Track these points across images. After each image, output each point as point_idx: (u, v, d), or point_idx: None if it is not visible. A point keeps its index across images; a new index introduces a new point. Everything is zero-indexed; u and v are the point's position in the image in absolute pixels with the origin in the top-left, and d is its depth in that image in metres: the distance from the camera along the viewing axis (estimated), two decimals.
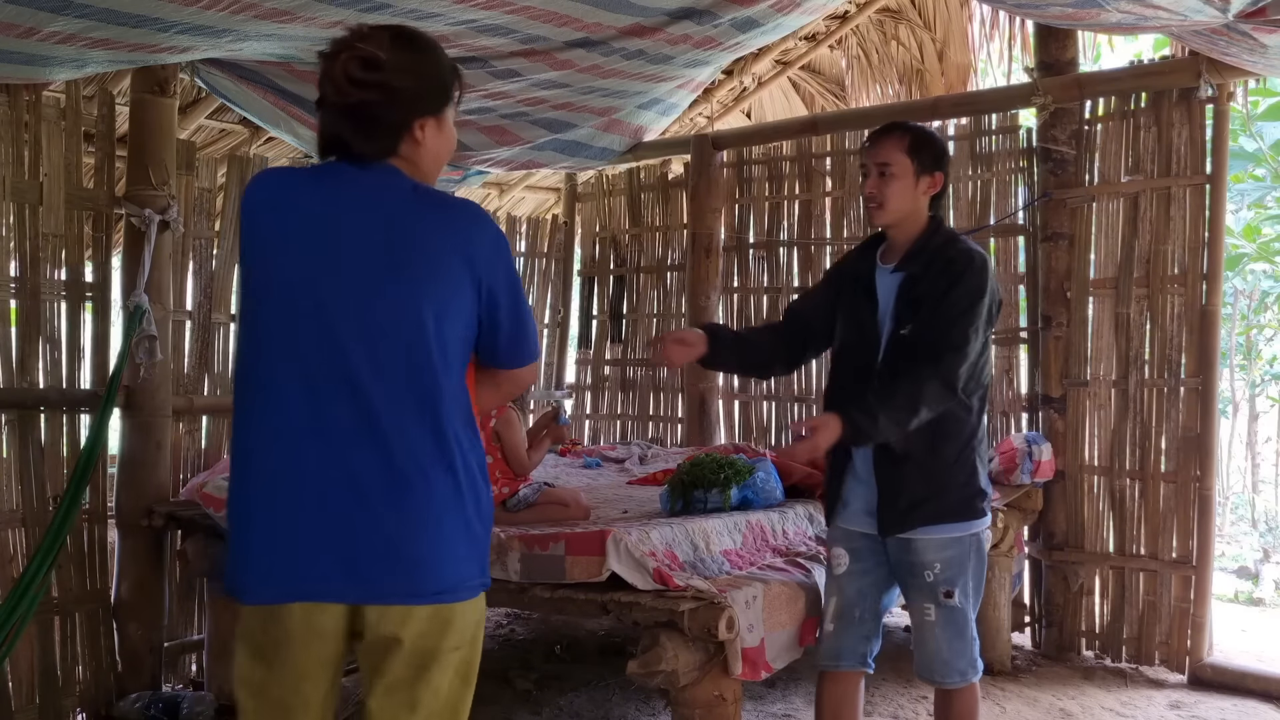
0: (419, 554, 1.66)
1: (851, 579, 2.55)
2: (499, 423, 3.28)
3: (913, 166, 2.42)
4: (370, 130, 1.71)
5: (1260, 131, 6.79)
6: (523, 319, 1.81)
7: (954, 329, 2.36)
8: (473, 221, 1.75)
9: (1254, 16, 2.95)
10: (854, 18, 5.72)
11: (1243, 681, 3.92)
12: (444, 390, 1.68)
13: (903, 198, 2.43)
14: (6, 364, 3.35)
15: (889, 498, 2.44)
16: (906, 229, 2.48)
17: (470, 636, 1.75)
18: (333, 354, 1.64)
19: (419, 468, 1.65)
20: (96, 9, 2.67)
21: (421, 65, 1.74)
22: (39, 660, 3.38)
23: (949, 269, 2.39)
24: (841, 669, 2.57)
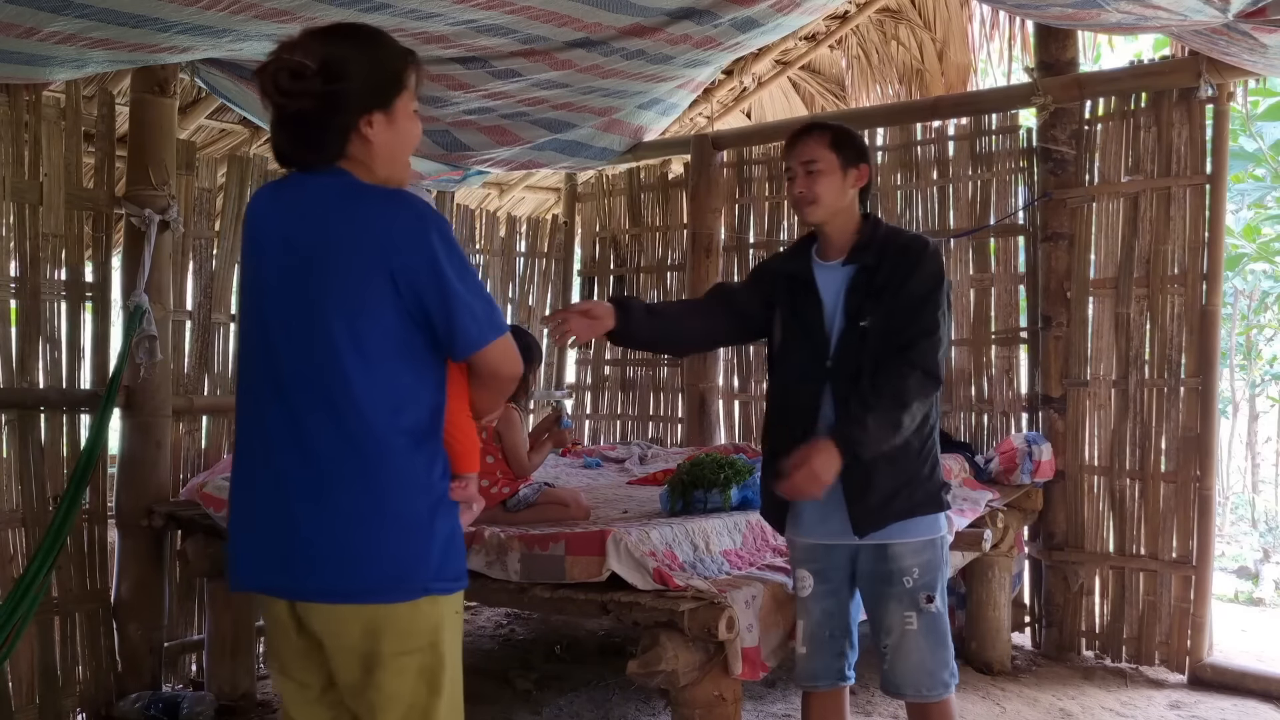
0: (337, 554, 1.66)
1: (817, 600, 2.45)
2: (500, 423, 3.28)
3: (838, 161, 2.40)
4: (310, 138, 1.71)
5: (1260, 131, 6.79)
6: (454, 302, 1.70)
7: (923, 315, 2.31)
8: (387, 213, 1.69)
9: (1254, 16, 2.95)
10: (854, 18, 5.72)
11: (1243, 681, 3.92)
12: (363, 391, 1.66)
13: (834, 192, 2.40)
14: (6, 364, 3.35)
15: (857, 495, 2.32)
16: (841, 224, 2.44)
17: (427, 641, 1.71)
18: (270, 360, 1.72)
19: (337, 469, 1.66)
20: (96, 9, 2.67)
21: (359, 62, 1.71)
22: (39, 660, 3.38)
23: (904, 256, 2.36)
24: (820, 688, 2.50)
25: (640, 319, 2.44)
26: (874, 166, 2.54)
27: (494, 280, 5.49)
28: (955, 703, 2.44)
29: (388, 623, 1.67)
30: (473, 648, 4.54)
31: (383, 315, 1.68)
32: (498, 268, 5.51)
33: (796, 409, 2.41)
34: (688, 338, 2.65)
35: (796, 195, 2.43)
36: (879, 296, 2.34)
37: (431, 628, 1.71)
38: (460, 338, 1.72)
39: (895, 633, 2.37)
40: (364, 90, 1.71)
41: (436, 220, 1.72)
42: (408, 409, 1.70)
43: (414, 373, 1.72)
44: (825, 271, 2.45)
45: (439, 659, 1.73)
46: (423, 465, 1.71)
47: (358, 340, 1.66)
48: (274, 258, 1.73)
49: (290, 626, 1.75)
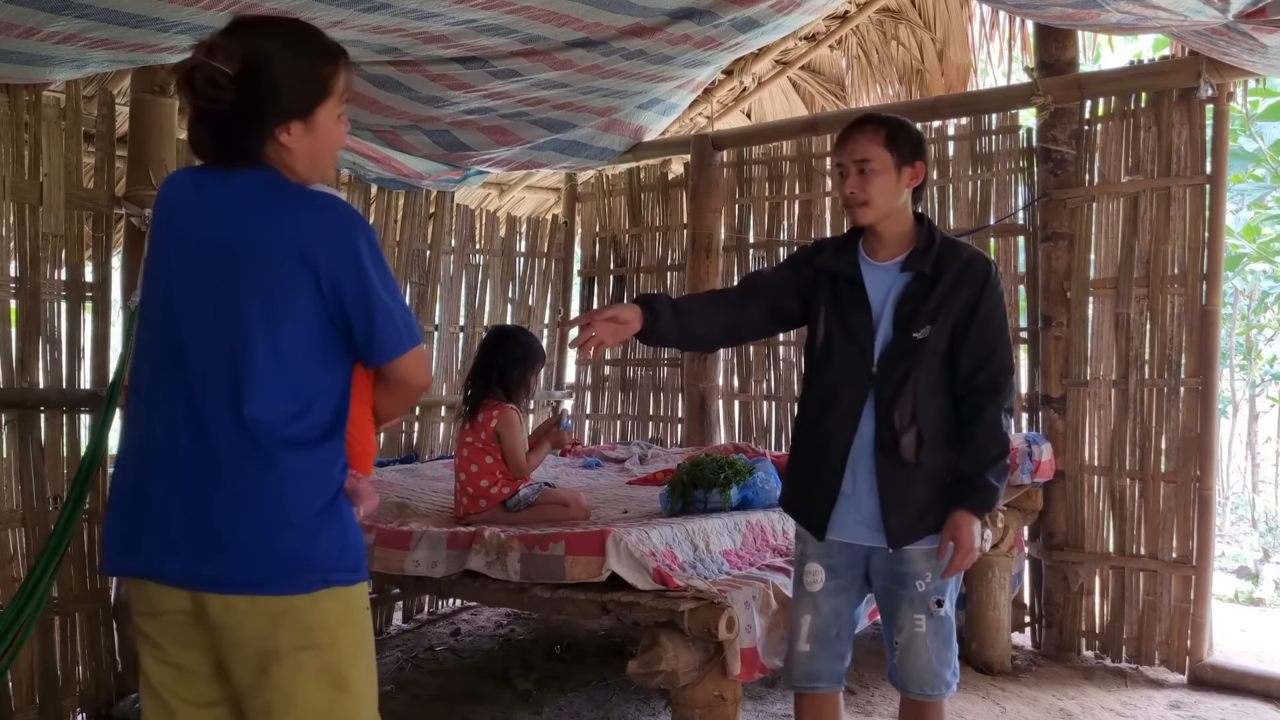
0: (233, 543, 1.64)
1: (828, 597, 2.41)
2: (499, 424, 3.28)
3: (893, 159, 2.31)
4: (227, 141, 1.70)
5: (1260, 131, 6.79)
6: (375, 310, 1.69)
7: (1002, 350, 2.32)
8: (315, 215, 1.68)
9: (1254, 16, 2.95)
10: (854, 18, 5.72)
11: (1243, 681, 3.92)
12: (270, 388, 1.65)
13: (888, 193, 2.32)
14: (6, 364, 3.35)
15: (896, 507, 2.30)
16: (894, 225, 2.37)
17: (327, 638, 1.67)
18: (176, 349, 1.69)
19: (236, 460, 1.65)
20: (96, 9, 2.67)
21: (280, 69, 1.67)
22: (39, 660, 3.38)
23: (968, 274, 2.31)
24: (819, 691, 2.44)
25: (668, 319, 2.37)
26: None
27: (494, 280, 5.49)
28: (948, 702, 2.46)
29: (286, 616, 1.64)
30: (473, 648, 4.54)
31: (302, 316, 1.67)
32: (498, 268, 5.51)
33: (837, 414, 2.36)
34: (717, 333, 2.57)
35: (847, 195, 2.34)
36: (938, 311, 2.30)
37: (333, 623, 1.68)
38: (379, 344, 1.72)
39: (905, 631, 2.38)
40: (283, 98, 1.67)
41: (363, 225, 1.73)
42: (313, 409, 1.69)
43: (324, 374, 1.71)
44: (875, 272, 2.38)
45: (341, 656, 1.69)
46: (322, 462, 1.70)
47: (274, 338, 1.65)
48: (189, 249, 1.70)
49: (185, 621, 1.69)
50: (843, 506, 2.37)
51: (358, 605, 1.74)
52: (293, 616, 1.64)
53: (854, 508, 2.36)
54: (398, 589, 4.57)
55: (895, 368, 2.31)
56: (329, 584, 1.67)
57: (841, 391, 2.36)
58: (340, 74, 1.74)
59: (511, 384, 3.38)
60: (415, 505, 3.56)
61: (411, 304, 4.94)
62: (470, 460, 3.29)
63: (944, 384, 2.33)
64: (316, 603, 1.66)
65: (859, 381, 2.34)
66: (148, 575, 1.70)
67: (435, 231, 5.12)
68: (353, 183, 4.74)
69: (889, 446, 2.31)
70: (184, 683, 1.74)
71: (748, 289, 2.58)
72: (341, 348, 1.72)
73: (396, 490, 3.76)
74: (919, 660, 2.37)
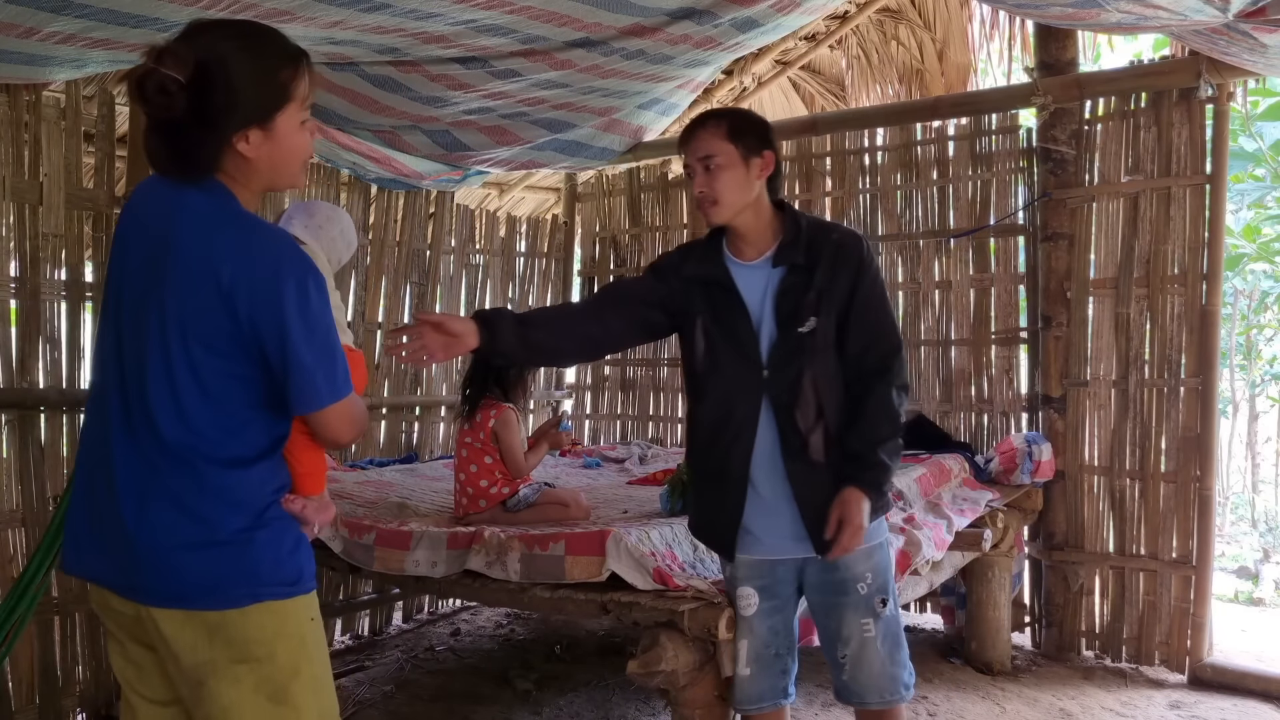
0: (157, 558, 1.62)
1: (763, 618, 2.33)
2: (497, 423, 3.28)
3: (738, 152, 2.22)
4: (180, 151, 1.64)
5: (1260, 131, 6.79)
6: (290, 364, 1.62)
7: (884, 325, 2.24)
8: (244, 256, 1.61)
9: (1254, 16, 2.94)
10: (854, 18, 5.72)
11: (1243, 681, 3.92)
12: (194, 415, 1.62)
13: (737, 188, 2.22)
14: (6, 364, 3.35)
15: (818, 513, 2.19)
16: (753, 220, 2.28)
17: (264, 651, 1.64)
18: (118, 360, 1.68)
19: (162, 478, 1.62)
20: (96, 9, 2.67)
21: (237, 74, 1.60)
22: (39, 660, 3.38)
23: (841, 255, 2.22)
24: (764, 710, 2.38)
25: (508, 334, 2.22)
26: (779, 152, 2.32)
27: (494, 280, 5.49)
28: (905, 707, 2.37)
29: (219, 629, 1.62)
30: (473, 648, 4.54)
31: (222, 349, 1.62)
32: (498, 268, 5.51)
33: (733, 426, 2.26)
34: (572, 347, 2.43)
35: (697, 195, 2.25)
36: (820, 300, 2.21)
37: (268, 636, 1.64)
38: (295, 398, 1.66)
39: (854, 642, 2.28)
40: (240, 105, 1.61)
41: (296, 268, 1.63)
42: (245, 432, 1.67)
43: (251, 405, 1.67)
44: (746, 272, 2.28)
45: (279, 669, 1.65)
46: (254, 481, 1.67)
47: (192, 364, 1.61)
48: (131, 259, 1.69)
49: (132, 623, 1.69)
50: (758, 523, 2.27)
51: (296, 618, 1.69)
52: (226, 630, 1.62)
53: (773, 521, 2.26)
54: (398, 589, 4.57)
55: (787, 368, 2.21)
56: (259, 598, 1.63)
57: (734, 401, 2.25)
58: (301, 78, 1.67)
59: (509, 383, 3.38)
60: (415, 505, 3.56)
61: (411, 304, 4.94)
62: (469, 460, 3.29)
63: (841, 374, 2.25)
64: (248, 617, 1.63)
65: (750, 388, 2.23)
66: (93, 578, 1.71)
67: (435, 231, 5.12)
68: (352, 183, 4.74)
69: (798, 451, 2.21)
70: (141, 680, 1.75)
71: (609, 299, 2.47)
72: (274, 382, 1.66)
73: (396, 490, 3.76)
74: (873, 668, 2.27)
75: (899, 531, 3.09)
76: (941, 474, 3.92)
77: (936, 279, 4.71)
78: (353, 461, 4.55)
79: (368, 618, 4.73)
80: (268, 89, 1.64)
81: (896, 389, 2.22)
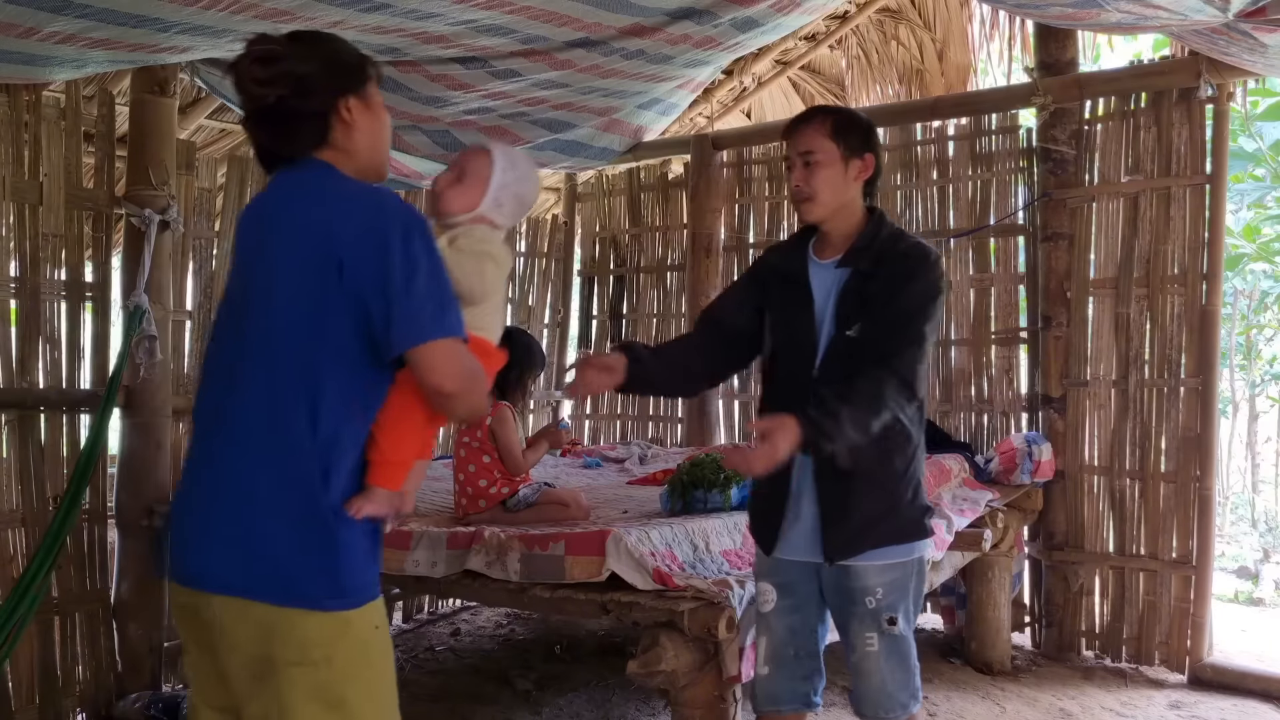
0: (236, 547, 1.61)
1: (780, 616, 2.30)
2: (494, 421, 3.27)
3: (839, 151, 2.19)
4: (290, 128, 1.69)
5: (1260, 131, 6.79)
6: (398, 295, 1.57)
7: (910, 326, 2.14)
8: (347, 205, 1.63)
9: (1254, 16, 2.94)
10: (854, 18, 5.71)
11: (1243, 681, 3.92)
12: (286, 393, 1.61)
13: (834, 187, 2.21)
14: (6, 364, 3.35)
15: (836, 518, 2.18)
16: (843, 222, 2.25)
17: (322, 655, 1.59)
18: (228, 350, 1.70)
19: (250, 463, 1.62)
20: (96, 9, 2.67)
21: (324, 50, 1.73)
22: (39, 660, 3.38)
23: (903, 265, 2.18)
24: (784, 713, 2.33)
25: (646, 367, 2.31)
26: (880, 156, 2.31)
27: None
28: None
29: (278, 627, 1.59)
30: (473, 648, 4.54)
31: (323, 317, 1.60)
32: None
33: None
34: (691, 376, 2.48)
35: (793, 190, 2.24)
36: (869, 305, 2.16)
37: (327, 640, 1.60)
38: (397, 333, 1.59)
39: (857, 652, 2.25)
40: (334, 75, 1.70)
41: (401, 215, 1.63)
42: (327, 417, 1.62)
43: (343, 381, 1.63)
44: (820, 271, 2.27)
45: (336, 675, 1.61)
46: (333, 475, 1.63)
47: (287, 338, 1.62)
48: (244, 258, 1.72)
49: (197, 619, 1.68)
50: (790, 522, 2.26)
51: (360, 624, 1.64)
52: (284, 628, 1.59)
53: (799, 522, 2.25)
54: (398, 589, 4.57)
55: (835, 370, 2.17)
56: (320, 607, 1.60)
57: (784, 401, 2.17)
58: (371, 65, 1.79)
59: (508, 384, 3.38)
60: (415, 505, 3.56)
61: None
62: (468, 460, 3.29)
63: None
64: (308, 619, 1.59)
65: (801, 387, 2.19)
66: (174, 574, 1.71)
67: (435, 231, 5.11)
68: None
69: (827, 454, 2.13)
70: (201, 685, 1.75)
71: (710, 325, 2.46)
72: (366, 353, 1.63)
73: None
74: (871, 682, 2.24)
75: None
76: (941, 474, 3.92)
77: None
78: None
79: None
80: (351, 62, 1.75)
81: (896, 380, 2.10)
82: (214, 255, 4.03)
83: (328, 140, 1.70)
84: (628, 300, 5.87)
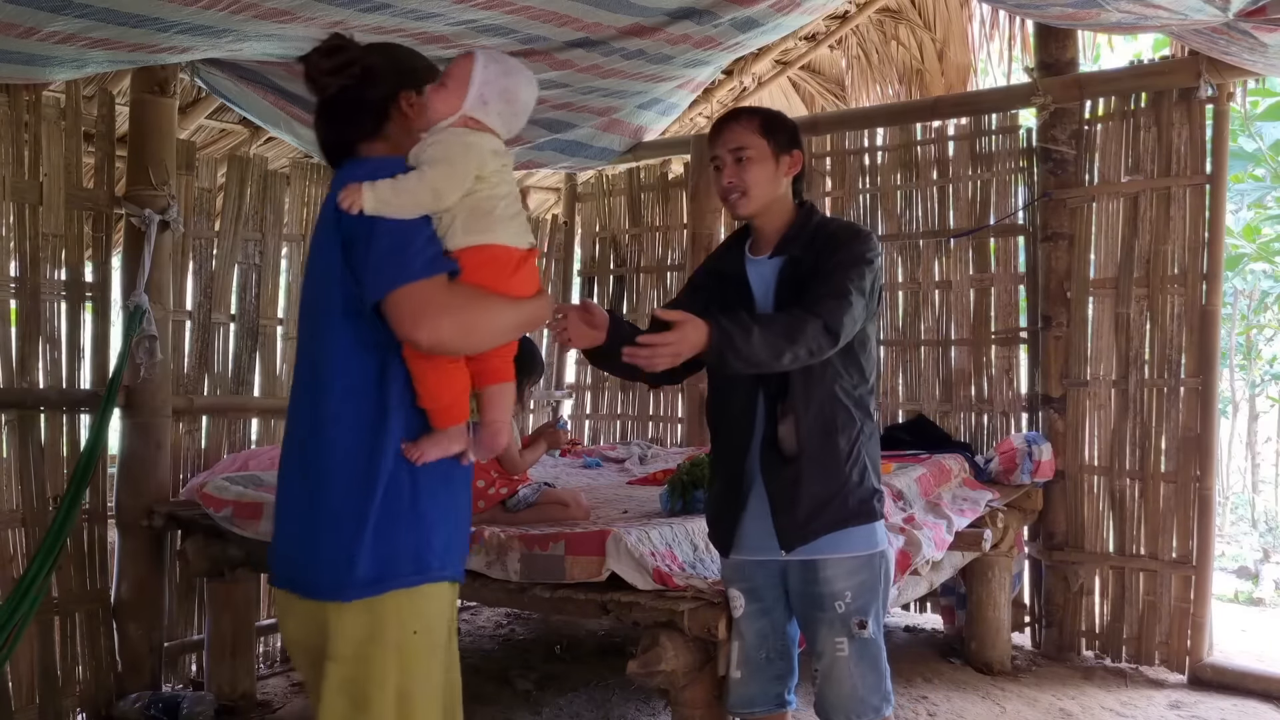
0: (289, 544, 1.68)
1: (750, 621, 2.30)
2: None
3: (770, 148, 2.22)
4: (351, 114, 1.74)
5: (1260, 131, 6.79)
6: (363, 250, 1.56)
7: (833, 280, 2.12)
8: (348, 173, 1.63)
9: (1254, 15, 2.94)
10: (854, 18, 5.72)
11: (1243, 681, 3.92)
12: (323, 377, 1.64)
13: (765, 183, 2.22)
14: (6, 364, 3.35)
15: (785, 504, 2.18)
16: (774, 216, 2.27)
17: (351, 651, 1.59)
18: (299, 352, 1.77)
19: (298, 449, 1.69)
20: (96, 9, 2.67)
21: (392, 49, 1.83)
22: (39, 660, 3.38)
23: (832, 241, 2.20)
24: (757, 715, 2.35)
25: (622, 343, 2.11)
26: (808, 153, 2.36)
27: None
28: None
29: (325, 622, 1.60)
30: (473, 648, 4.54)
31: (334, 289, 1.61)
32: None
33: (731, 419, 2.26)
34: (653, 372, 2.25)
35: (725, 186, 2.24)
36: (803, 286, 2.17)
37: (360, 637, 1.59)
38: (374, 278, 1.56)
39: (826, 658, 2.23)
40: (399, 68, 1.78)
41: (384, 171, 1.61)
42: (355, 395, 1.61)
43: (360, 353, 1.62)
44: (756, 266, 2.29)
45: (368, 674, 1.59)
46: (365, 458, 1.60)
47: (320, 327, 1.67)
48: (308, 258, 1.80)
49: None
50: (745, 518, 2.25)
51: (395, 623, 1.61)
52: (323, 620, 1.61)
53: (752, 518, 2.24)
54: None
55: None
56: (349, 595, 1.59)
57: (733, 395, 2.23)
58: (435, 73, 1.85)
59: None
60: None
61: None
62: None
63: (833, 368, 2.18)
64: (344, 613, 1.59)
65: (747, 383, 2.20)
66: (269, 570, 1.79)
67: None
68: None
69: (770, 441, 2.19)
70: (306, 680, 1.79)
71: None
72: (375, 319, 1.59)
73: None
74: (842, 689, 2.21)
75: (899, 531, 3.09)
76: (941, 474, 3.92)
77: (936, 279, 4.71)
78: None
79: None
80: (417, 63, 1.83)
81: (817, 322, 2.06)
82: (214, 255, 4.03)
83: (381, 132, 1.74)
84: (628, 300, 5.87)
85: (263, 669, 4.08)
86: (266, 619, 4.18)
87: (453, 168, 1.64)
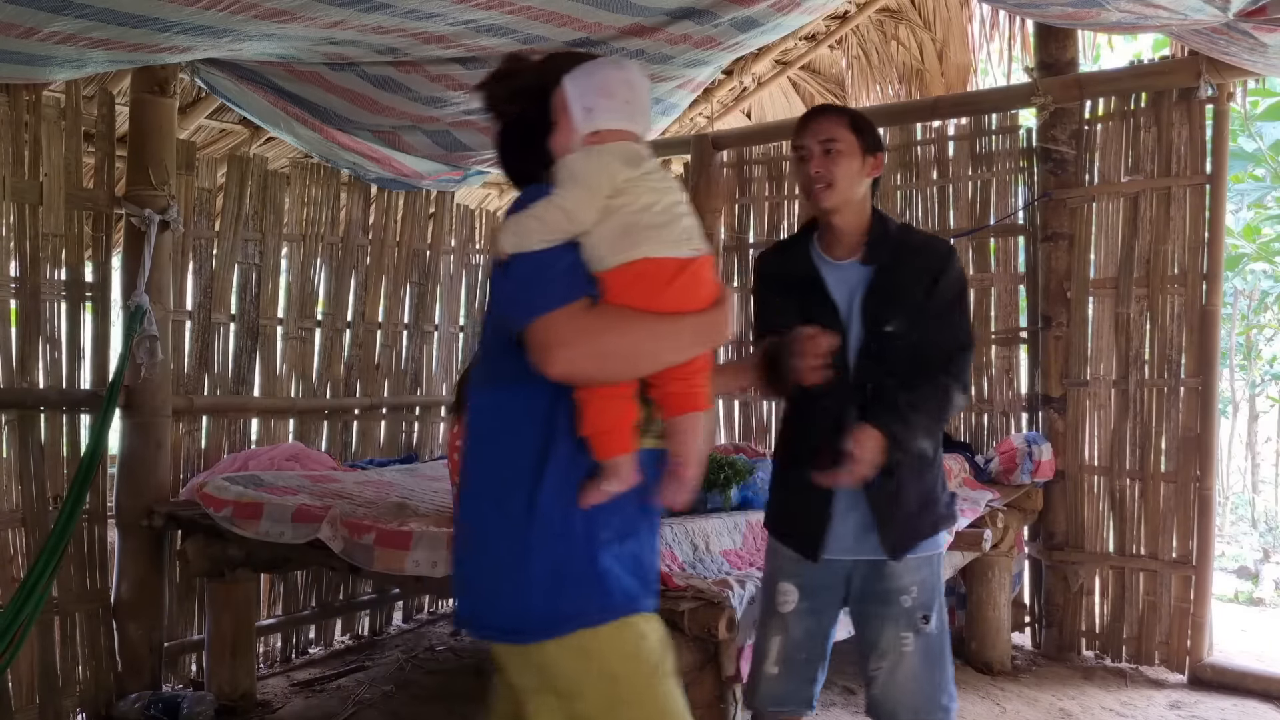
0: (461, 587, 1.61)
1: (799, 619, 2.27)
2: None
3: (858, 144, 2.21)
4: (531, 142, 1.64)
5: (1260, 131, 6.79)
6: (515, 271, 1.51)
7: (959, 327, 2.21)
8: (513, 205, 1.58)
9: (1254, 15, 2.94)
10: (854, 18, 5.72)
11: (1243, 681, 3.92)
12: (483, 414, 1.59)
13: (851, 178, 2.20)
14: (6, 364, 3.35)
15: (888, 514, 2.17)
16: (854, 216, 2.24)
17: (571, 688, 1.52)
18: None
19: (469, 489, 1.61)
20: (96, 9, 2.67)
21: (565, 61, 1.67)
22: (39, 660, 3.38)
23: (924, 257, 2.21)
24: (784, 715, 2.33)
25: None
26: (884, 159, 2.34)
27: None
28: None
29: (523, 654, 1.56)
30: (473, 648, 4.53)
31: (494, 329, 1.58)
32: None
33: (819, 428, 2.18)
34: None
35: (812, 175, 2.19)
36: (900, 300, 2.18)
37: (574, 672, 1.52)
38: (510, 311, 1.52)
39: (890, 655, 2.21)
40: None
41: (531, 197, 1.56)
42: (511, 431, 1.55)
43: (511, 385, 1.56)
44: (835, 271, 2.24)
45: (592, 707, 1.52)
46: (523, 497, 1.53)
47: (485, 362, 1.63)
48: None
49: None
50: (837, 522, 2.23)
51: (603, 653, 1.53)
52: (529, 656, 1.54)
53: (846, 522, 2.22)
54: (398, 589, 4.57)
55: (871, 373, 2.17)
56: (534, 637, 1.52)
57: (820, 404, 2.17)
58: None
59: None
60: (415, 505, 3.56)
61: (411, 304, 4.94)
62: None
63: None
64: (545, 650, 1.52)
65: (837, 393, 2.14)
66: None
67: (435, 231, 5.12)
68: (352, 183, 4.74)
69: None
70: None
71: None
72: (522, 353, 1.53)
73: (396, 490, 3.76)
74: (908, 687, 2.20)
75: None
76: None
77: None
78: (352, 461, 4.56)
79: (368, 618, 4.73)
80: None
81: (957, 386, 2.17)
82: (214, 255, 4.03)
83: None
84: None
85: (263, 669, 4.08)
86: (266, 619, 4.18)
87: (578, 184, 1.56)
